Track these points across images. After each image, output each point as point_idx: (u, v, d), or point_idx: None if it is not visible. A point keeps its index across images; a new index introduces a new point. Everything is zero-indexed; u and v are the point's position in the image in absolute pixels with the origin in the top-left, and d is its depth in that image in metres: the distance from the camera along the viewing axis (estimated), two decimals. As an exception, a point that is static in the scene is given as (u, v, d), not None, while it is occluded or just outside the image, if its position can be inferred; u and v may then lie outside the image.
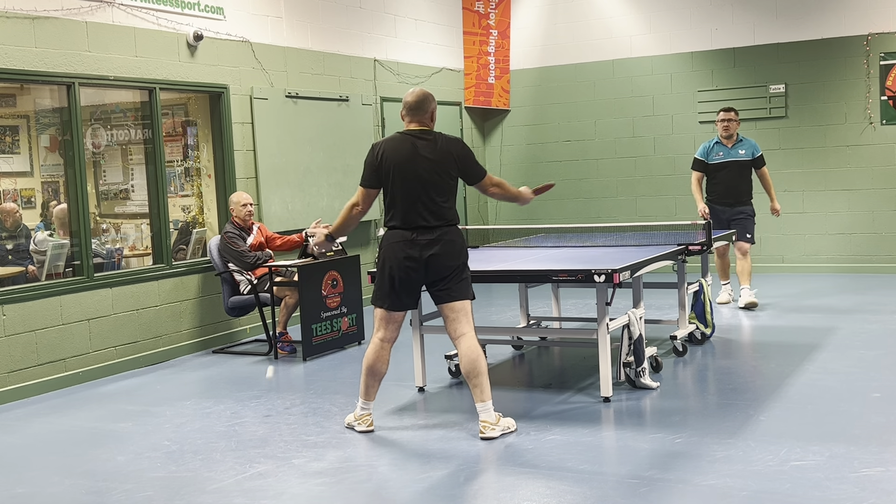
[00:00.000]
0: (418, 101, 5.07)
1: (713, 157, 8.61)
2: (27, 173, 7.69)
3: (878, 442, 4.61)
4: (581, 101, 11.80)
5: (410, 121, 5.10)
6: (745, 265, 8.57)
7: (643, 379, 5.78)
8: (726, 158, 8.57)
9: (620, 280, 5.33)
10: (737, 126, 8.65)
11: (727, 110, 8.66)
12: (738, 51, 10.92)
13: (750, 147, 8.62)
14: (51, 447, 5.34)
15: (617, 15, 11.55)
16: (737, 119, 8.65)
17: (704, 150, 8.70)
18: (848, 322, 7.74)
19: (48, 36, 6.76)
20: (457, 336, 5.05)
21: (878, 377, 5.91)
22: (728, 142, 8.60)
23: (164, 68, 7.68)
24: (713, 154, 8.62)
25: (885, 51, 10.21)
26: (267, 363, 7.35)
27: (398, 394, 6.01)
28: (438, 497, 4.20)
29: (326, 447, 5.01)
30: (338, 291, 7.64)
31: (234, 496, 4.32)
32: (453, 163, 5.05)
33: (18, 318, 6.53)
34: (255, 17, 8.63)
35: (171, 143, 8.19)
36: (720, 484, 4.15)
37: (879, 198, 10.39)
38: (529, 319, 7.37)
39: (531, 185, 5.76)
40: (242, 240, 7.67)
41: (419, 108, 5.07)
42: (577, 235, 7.78)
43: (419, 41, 11.02)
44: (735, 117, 8.62)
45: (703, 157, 8.66)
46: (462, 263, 5.08)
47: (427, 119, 5.11)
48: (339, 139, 9.48)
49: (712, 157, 8.62)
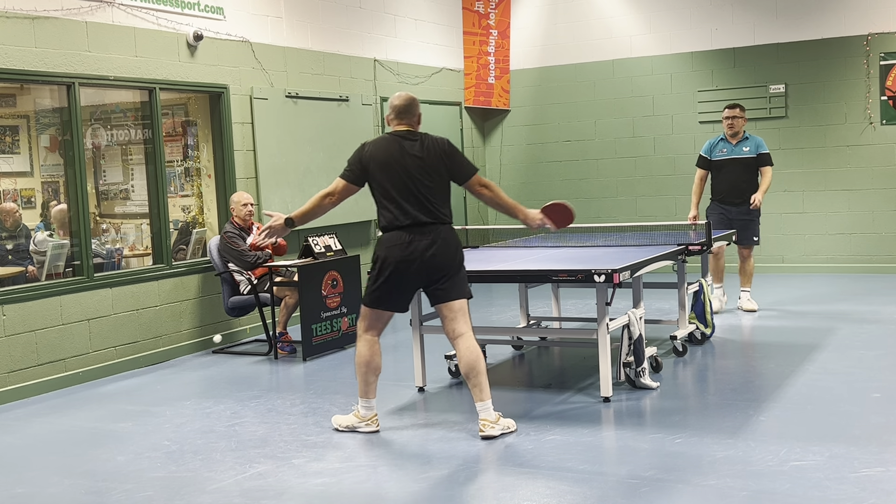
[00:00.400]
0: (406, 104, 5.11)
1: (716, 154, 8.49)
2: (27, 173, 7.70)
3: (878, 442, 4.61)
4: (581, 101, 11.80)
5: (399, 123, 5.12)
6: (747, 267, 8.48)
7: (643, 379, 5.78)
8: (730, 155, 8.43)
9: (620, 280, 5.33)
10: (743, 123, 8.48)
11: (732, 107, 8.50)
12: (738, 51, 10.92)
13: (755, 144, 8.44)
14: (51, 447, 5.34)
15: (617, 15, 11.55)
16: (743, 116, 8.49)
17: (709, 146, 8.58)
18: (848, 322, 7.74)
19: (48, 36, 6.76)
20: (455, 336, 5.04)
21: (878, 377, 5.91)
22: (733, 139, 8.46)
23: (164, 68, 7.68)
24: (717, 151, 8.50)
25: (885, 51, 10.21)
26: (267, 363, 7.35)
27: (398, 394, 6.01)
28: (438, 497, 4.20)
29: (326, 447, 5.01)
30: (338, 291, 7.64)
31: (234, 496, 4.32)
32: (441, 161, 5.04)
33: (18, 318, 6.53)
34: (254, 17, 8.63)
35: (171, 143, 8.19)
36: (720, 484, 4.15)
37: (879, 198, 10.39)
38: (529, 319, 7.37)
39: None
40: (242, 240, 7.67)
41: (407, 110, 5.11)
42: (577, 235, 7.77)
43: (419, 41, 11.02)
44: (741, 114, 8.46)
45: (707, 154, 8.55)
46: (459, 262, 5.08)
47: (415, 122, 5.15)
48: (339, 139, 9.48)
49: (715, 154, 8.49)
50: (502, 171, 12.28)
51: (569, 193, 11.85)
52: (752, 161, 8.42)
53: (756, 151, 8.43)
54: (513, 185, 12.22)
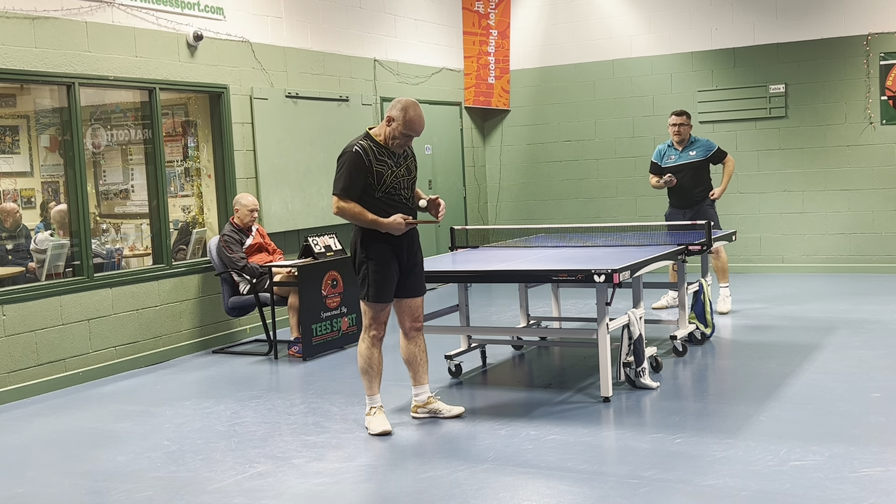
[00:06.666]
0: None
1: (665, 161, 8.45)
2: (27, 173, 7.69)
3: (878, 442, 4.61)
4: (581, 101, 11.80)
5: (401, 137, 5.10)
6: (719, 263, 8.40)
7: (643, 379, 5.78)
8: (678, 161, 8.37)
9: (620, 280, 5.33)
10: (688, 130, 8.41)
11: (679, 114, 8.41)
12: (738, 51, 10.92)
13: (702, 147, 8.38)
14: (51, 447, 5.34)
15: (617, 15, 11.55)
16: (689, 123, 8.41)
17: (659, 153, 8.55)
18: (848, 322, 7.74)
19: (48, 36, 6.76)
20: (417, 333, 5.35)
21: (878, 377, 5.91)
22: (679, 146, 8.41)
23: (164, 68, 7.68)
24: (666, 158, 8.46)
25: (885, 51, 10.21)
26: (267, 363, 7.35)
27: (398, 394, 6.01)
28: (438, 497, 4.20)
29: (326, 447, 5.01)
30: (338, 291, 7.64)
31: (234, 496, 4.32)
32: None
33: (18, 318, 6.53)
34: (255, 17, 8.63)
35: (171, 143, 8.19)
36: (720, 484, 4.15)
37: (879, 198, 10.39)
38: (529, 319, 7.37)
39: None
40: (240, 243, 7.67)
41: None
42: (577, 235, 7.77)
43: (419, 41, 11.02)
44: (687, 121, 8.38)
45: (658, 161, 8.52)
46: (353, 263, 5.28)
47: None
48: (339, 139, 9.44)
49: (665, 161, 8.46)
50: (502, 171, 12.28)
51: (569, 193, 11.87)
52: (700, 164, 8.36)
53: (705, 153, 8.37)
54: (513, 185, 12.23)
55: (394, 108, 5.08)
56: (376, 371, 5.25)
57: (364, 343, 5.23)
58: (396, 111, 5.06)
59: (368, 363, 5.22)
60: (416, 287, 5.31)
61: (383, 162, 5.08)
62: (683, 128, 8.39)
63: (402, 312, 5.32)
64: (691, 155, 8.39)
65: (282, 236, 8.72)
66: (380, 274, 5.12)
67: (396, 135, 5.08)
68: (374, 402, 5.28)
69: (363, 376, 5.27)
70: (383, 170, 5.08)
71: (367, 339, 5.21)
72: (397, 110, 5.06)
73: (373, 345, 5.21)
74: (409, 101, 5.09)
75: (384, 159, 5.09)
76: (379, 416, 5.24)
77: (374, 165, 5.05)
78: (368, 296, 5.16)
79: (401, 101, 5.09)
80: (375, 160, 5.06)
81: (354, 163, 5.03)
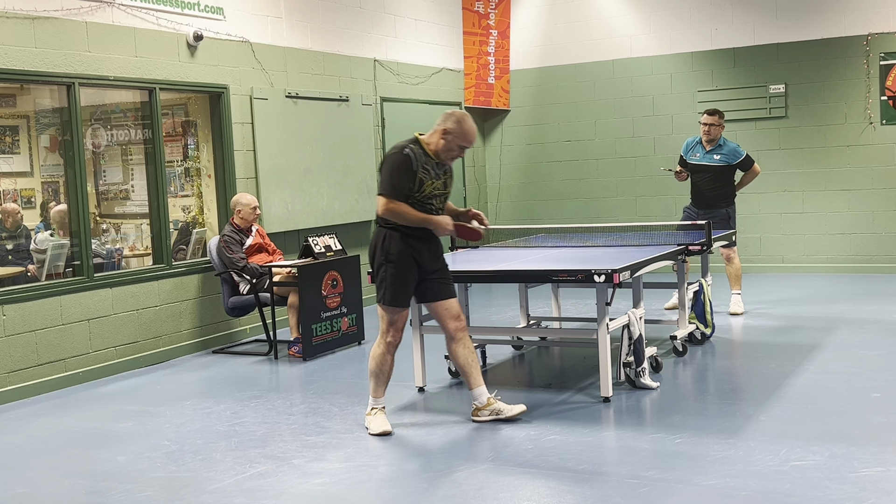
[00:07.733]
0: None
1: (690, 157, 8.38)
2: (27, 173, 7.70)
3: (878, 442, 4.61)
4: (581, 101, 11.80)
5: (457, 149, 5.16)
6: (732, 269, 8.38)
7: (643, 379, 5.78)
8: (701, 161, 8.29)
9: (620, 280, 5.33)
10: (719, 131, 8.26)
11: (712, 113, 8.27)
12: (738, 51, 10.92)
13: (729, 154, 8.24)
14: (51, 447, 5.34)
15: (617, 15, 11.55)
16: (721, 124, 8.26)
17: (686, 146, 8.48)
18: (848, 322, 7.74)
19: (48, 36, 6.76)
20: (464, 334, 5.26)
21: (878, 377, 5.91)
22: (708, 145, 8.30)
23: (164, 68, 7.68)
24: (691, 153, 8.38)
25: (885, 51, 10.21)
26: (267, 363, 7.35)
27: (398, 394, 6.01)
28: (438, 497, 4.20)
29: (326, 447, 5.01)
30: (338, 291, 7.64)
31: (234, 496, 4.32)
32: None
33: (18, 318, 6.53)
34: (255, 17, 8.63)
35: (171, 143, 8.19)
36: (720, 484, 4.15)
37: (879, 198, 10.39)
38: (529, 319, 7.37)
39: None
40: (240, 243, 7.67)
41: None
42: (577, 235, 7.77)
43: (419, 41, 11.02)
44: (717, 122, 8.22)
45: (684, 154, 8.46)
46: (373, 263, 5.24)
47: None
48: (339, 139, 9.48)
49: (690, 157, 8.39)
50: (502, 171, 12.28)
51: (569, 193, 11.87)
52: (723, 169, 8.25)
53: (729, 162, 8.24)
54: (513, 185, 12.23)
55: (447, 120, 5.07)
56: (386, 376, 5.25)
57: (379, 348, 5.23)
58: (451, 123, 5.06)
59: (380, 368, 5.23)
60: (444, 290, 5.25)
61: (427, 171, 5.08)
62: (714, 128, 8.23)
63: (441, 317, 5.27)
64: (715, 158, 8.26)
65: (282, 236, 8.72)
66: (397, 277, 5.11)
67: (453, 146, 5.10)
68: (377, 403, 5.28)
69: (371, 378, 5.27)
70: (425, 178, 5.07)
71: (384, 344, 5.21)
72: (452, 122, 5.06)
73: (388, 351, 5.21)
74: (461, 113, 5.12)
75: (428, 168, 5.09)
76: (379, 417, 5.24)
77: (419, 171, 5.05)
78: (385, 299, 5.14)
79: (454, 114, 5.10)
80: (421, 167, 5.05)
81: (404, 164, 5.02)
